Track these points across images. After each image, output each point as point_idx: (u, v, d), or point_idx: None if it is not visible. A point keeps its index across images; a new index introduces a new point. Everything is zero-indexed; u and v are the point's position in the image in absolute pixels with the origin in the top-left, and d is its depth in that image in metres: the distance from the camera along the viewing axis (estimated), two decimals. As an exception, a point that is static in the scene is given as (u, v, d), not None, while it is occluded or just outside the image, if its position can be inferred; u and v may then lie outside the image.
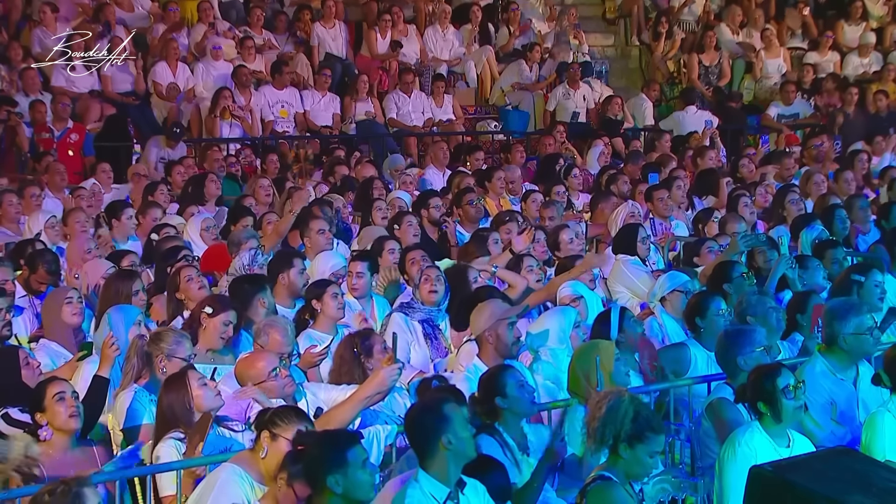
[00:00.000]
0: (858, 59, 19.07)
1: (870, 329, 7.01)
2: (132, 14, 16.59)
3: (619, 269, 9.73)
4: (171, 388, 6.12)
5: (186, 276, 8.13)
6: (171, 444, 5.97)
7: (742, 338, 6.88)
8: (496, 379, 6.25)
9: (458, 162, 15.06)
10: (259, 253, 8.89)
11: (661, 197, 11.57)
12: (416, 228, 10.42)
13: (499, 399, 6.17)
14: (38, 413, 5.92)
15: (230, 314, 7.29)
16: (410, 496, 5.25)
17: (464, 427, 5.36)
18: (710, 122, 16.77)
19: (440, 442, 5.29)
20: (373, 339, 7.05)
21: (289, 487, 5.23)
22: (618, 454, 5.35)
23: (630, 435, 5.31)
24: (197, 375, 6.20)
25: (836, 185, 12.86)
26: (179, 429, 6.02)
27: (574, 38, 18.37)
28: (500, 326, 7.08)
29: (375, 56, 17.30)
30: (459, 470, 5.39)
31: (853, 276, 8.53)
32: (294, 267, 8.47)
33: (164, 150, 14.31)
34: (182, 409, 6.05)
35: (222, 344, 7.28)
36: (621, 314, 7.47)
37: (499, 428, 6.15)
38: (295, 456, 5.29)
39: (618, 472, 5.35)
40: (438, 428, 5.30)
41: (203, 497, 5.54)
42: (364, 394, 6.13)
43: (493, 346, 7.08)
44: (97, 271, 8.35)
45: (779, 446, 6.04)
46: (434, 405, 5.44)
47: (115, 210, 10.68)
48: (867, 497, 4.85)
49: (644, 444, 5.33)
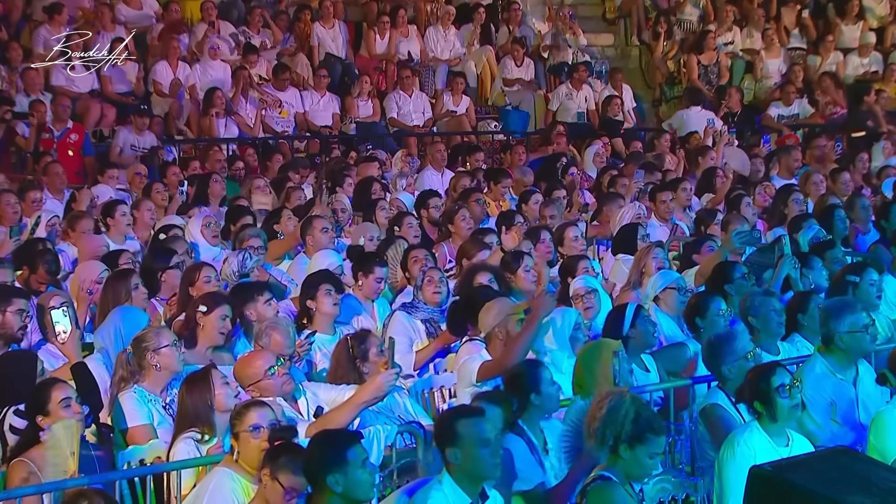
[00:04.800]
0: (858, 59, 19.07)
1: (865, 326, 7.01)
2: (139, 12, 16.60)
3: (620, 268, 9.74)
4: (194, 386, 6.14)
5: (205, 275, 8.14)
6: (188, 443, 6.00)
7: (724, 346, 6.85)
8: (532, 375, 6.16)
9: (458, 162, 15.06)
10: (249, 256, 8.85)
11: (664, 199, 11.55)
12: (416, 230, 10.42)
13: (534, 395, 6.10)
14: (42, 416, 5.85)
15: (225, 308, 7.29)
16: (433, 498, 5.27)
17: (474, 445, 5.31)
18: (712, 121, 16.77)
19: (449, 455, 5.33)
20: (369, 341, 7.05)
21: (273, 481, 5.26)
22: (618, 454, 5.34)
23: (631, 436, 5.31)
24: (219, 374, 6.22)
25: (834, 185, 12.84)
26: (196, 428, 6.04)
27: (571, 33, 18.36)
28: (509, 322, 7.09)
29: (374, 56, 17.30)
30: (479, 484, 5.40)
31: (848, 276, 8.52)
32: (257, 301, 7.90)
33: (133, 136, 14.32)
34: (204, 407, 6.07)
35: (222, 339, 7.28)
36: (636, 311, 7.48)
37: (523, 426, 6.07)
38: (276, 450, 5.32)
39: (618, 472, 5.34)
40: (448, 441, 5.33)
41: (198, 500, 5.59)
42: (360, 399, 6.18)
43: (502, 342, 7.06)
44: (91, 273, 8.30)
45: (778, 446, 6.05)
46: (450, 419, 5.46)
47: (109, 209, 10.61)
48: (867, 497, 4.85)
49: (644, 445, 5.32)
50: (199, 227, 10.26)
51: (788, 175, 13.85)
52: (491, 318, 7.15)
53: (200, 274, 8.15)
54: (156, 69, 15.66)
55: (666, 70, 18.97)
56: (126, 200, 11.30)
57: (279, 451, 5.34)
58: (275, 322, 7.25)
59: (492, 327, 7.13)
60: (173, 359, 6.60)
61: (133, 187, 12.78)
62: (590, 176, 14.51)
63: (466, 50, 18.04)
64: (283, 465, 5.26)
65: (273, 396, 6.39)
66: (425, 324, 8.21)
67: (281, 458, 5.29)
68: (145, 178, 12.83)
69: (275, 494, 5.26)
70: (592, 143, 15.60)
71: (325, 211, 10.36)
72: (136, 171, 13.20)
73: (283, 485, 5.23)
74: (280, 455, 5.31)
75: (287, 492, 5.22)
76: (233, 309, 7.39)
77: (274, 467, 5.28)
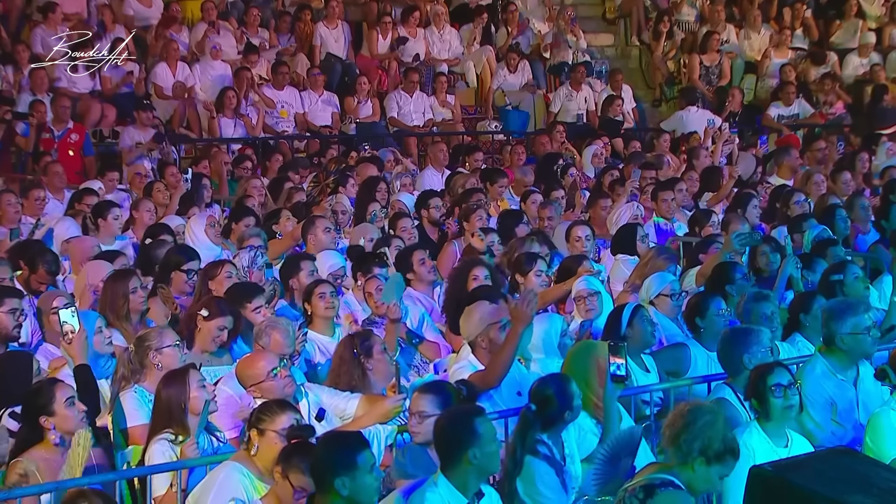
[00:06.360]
0: (858, 59, 19.08)
1: (867, 328, 7.01)
2: (150, 10, 16.61)
3: (619, 269, 9.73)
4: (171, 383, 6.12)
5: (227, 271, 8.17)
6: (163, 444, 5.97)
7: (749, 336, 6.88)
8: (568, 390, 6.02)
9: (458, 163, 15.06)
10: (259, 254, 8.89)
11: (665, 198, 11.56)
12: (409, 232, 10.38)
13: (568, 413, 6.03)
14: (45, 417, 5.82)
15: (226, 319, 7.28)
16: (429, 500, 5.27)
17: (491, 443, 5.38)
18: (712, 121, 16.77)
19: (466, 455, 5.33)
20: (372, 339, 7.04)
21: (284, 479, 5.27)
22: (690, 466, 5.24)
23: (714, 454, 5.23)
24: (197, 377, 6.19)
25: (834, 184, 12.85)
26: (171, 429, 6.02)
27: (571, 34, 18.37)
28: (491, 330, 6.99)
29: (375, 56, 17.30)
30: (480, 483, 5.42)
31: (831, 277, 8.55)
32: (303, 270, 8.52)
33: (138, 133, 14.32)
34: (178, 407, 6.04)
35: (215, 348, 7.28)
36: (634, 311, 7.49)
37: (547, 441, 5.98)
38: (290, 449, 5.33)
39: (683, 481, 5.25)
40: (467, 441, 5.33)
41: (204, 494, 5.58)
42: (364, 424, 6.21)
43: (486, 349, 6.99)
44: (98, 273, 8.30)
45: (777, 446, 6.06)
46: (467, 418, 5.45)
47: (100, 210, 10.58)
48: (867, 497, 4.85)
49: (721, 465, 5.26)
50: (203, 227, 10.25)
51: (789, 175, 13.84)
52: (473, 325, 7.06)
53: (222, 269, 8.19)
54: (155, 71, 15.67)
55: (666, 70, 18.99)
56: (121, 204, 11.26)
57: (293, 450, 5.35)
58: (274, 322, 7.24)
59: (474, 336, 7.06)
60: (175, 359, 6.59)
61: (133, 187, 12.78)
62: (589, 176, 14.51)
63: (466, 50, 18.05)
64: (294, 465, 5.27)
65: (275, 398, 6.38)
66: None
67: (294, 457, 5.30)
68: (145, 178, 12.82)
69: (285, 493, 5.28)
70: (592, 144, 15.61)
71: (324, 211, 10.36)
72: (136, 171, 13.20)
73: (293, 484, 5.25)
74: (293, 455, 5.32)
75: (297, 491, 5.24)
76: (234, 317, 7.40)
77: (286, 466, 5.29)
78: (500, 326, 6.99)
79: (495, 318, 7.03)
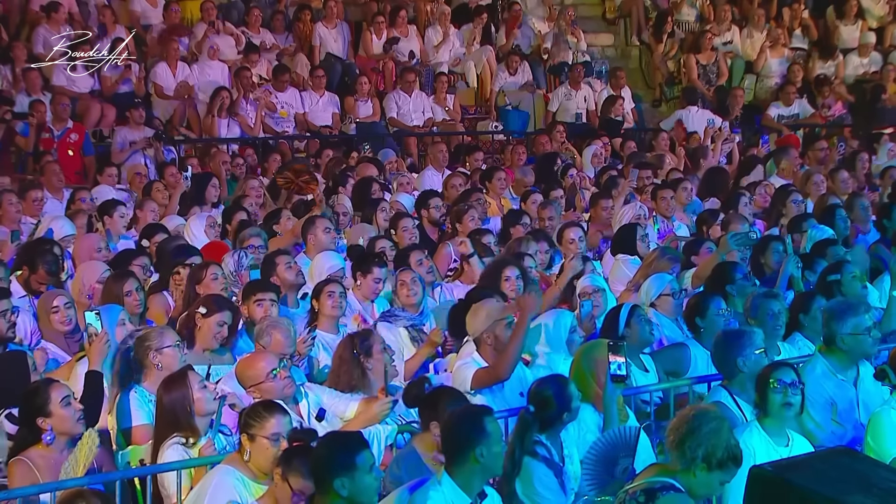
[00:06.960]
0: (858, 59, 19.08)
1: (868, 329, 7.01)
2: (154, 9, 16.61)
3: (620, 269, 9.73)
4: (172, 387, 6.10)
5: (212, 273, 8.15)
6: (176, 449, 5.97)
7: (742, 339, 6.86)
8: (566, 392, 6.06)
9: (458, 162, 15.05)
10: (245, 255, 8.88)
11: (665, 196, 11.56)
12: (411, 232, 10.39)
13: (566, 414, 6.06)
14: (42, 418, 5.81)
15: (225, 315, 7.29)
16: (433, 498, 5.28)
17: (498, 443, 5.41)
18: (712, 121, 16.77)
19: (473, 454, 5.34)
20: (372, 339, 7.05)
21: (283, 482, 5.27)
22: (692, 471, 5.21)
23: (717, 460, 5.20)
24: (197, 377, 6.19)
25: (834, 184, 12.85)
26: (180, 433, 6.01)
27: (572, 35, 18.37)
28: (497, 327, 7.04)
29: (371, 56, 17.30)
30: (483, 483, 5.43)
31: (828, 277, 8.55)
32: (278, 265, 8.52)
33: (132, 133, 14.31)
34: (183, 410, 6.04)
35: (217, 344, 7.28)
36: (631, 311, 7.49)
37: (546, 442, 6.01)
38: (291, 451, 5.33)
39: (684, 484, 5.22)
40: (475, 440, 5.35)
41: (199, 498, 5.58)
42: (353, 427, 6.19)
43: (491, 346, 7.03)
44: (93, 274, 8.31)
45: (777, 446, 6.07)
46: (477, 416, 5.46)
47: (106, 208, 10.62)
48: (867, 497, 4.84)
49: (723, 472, 5.23)
50: (203, 227, 10.26)
51: (789, 175, 13.84)
52: (479, 322, 7.10)
53: (207, 272, 8.16)
54: (156, 71, 15.66)
55: (666, 70, 18.98)
56: (125, 201, 11.30)
57: (293, 453, 5.35)
58: (275, 321, 7.24)
59: (480, 332, 7.09)
60: (175, 359, 6.58)
61: (133, 187, 12.79)
62: (588, 176, 14.50)
63: (466, 50, 18.04)
64: (294, 468, 5.26)
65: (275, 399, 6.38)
66: (408, 330, 8.21)
67: (294, 460, 5.30)
68: (145, 178, 12.82)
69: (283, 495, 5.28)
70: (591, 144, 15.60)
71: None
72: (136, 170, 13.21)
73: (292, 487, 5.24)
74: (293, 457, 5.32)
75: (295, 494, 5.23)
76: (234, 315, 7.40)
77: (286, 468, 5.29)
78: (507, 324, 7.04)
79: (502, 315, 7.08)
